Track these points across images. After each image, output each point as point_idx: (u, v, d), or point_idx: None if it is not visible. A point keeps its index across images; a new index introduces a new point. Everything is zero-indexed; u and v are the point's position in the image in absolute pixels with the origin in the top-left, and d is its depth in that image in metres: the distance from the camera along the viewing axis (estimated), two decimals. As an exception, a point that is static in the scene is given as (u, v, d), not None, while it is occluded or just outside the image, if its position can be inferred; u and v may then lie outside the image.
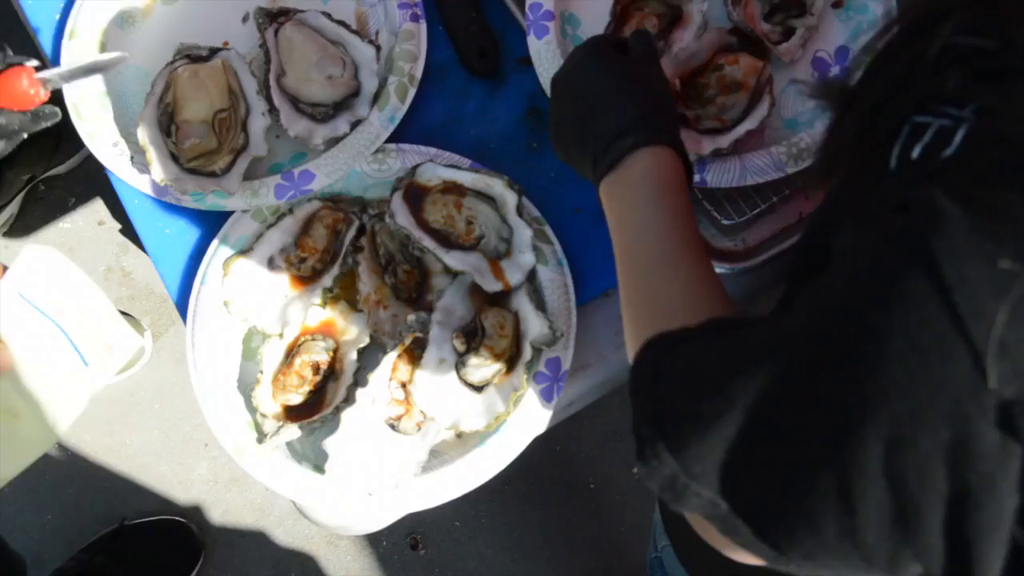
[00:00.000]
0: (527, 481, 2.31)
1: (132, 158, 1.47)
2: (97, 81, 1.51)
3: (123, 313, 2.48)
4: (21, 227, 2.60)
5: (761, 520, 0.75)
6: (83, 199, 2.63)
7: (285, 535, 2.45)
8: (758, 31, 1.45)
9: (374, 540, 2.44)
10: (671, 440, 0.80)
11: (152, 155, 1.42)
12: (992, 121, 0.65)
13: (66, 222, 2.62)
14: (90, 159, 1.49)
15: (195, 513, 2.45)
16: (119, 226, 2.59)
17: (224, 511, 2.45)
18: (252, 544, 2.44)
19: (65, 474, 2.39)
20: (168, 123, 1.45)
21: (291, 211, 1.44)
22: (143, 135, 1.42)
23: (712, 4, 1.50)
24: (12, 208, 2.56)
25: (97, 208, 2.62)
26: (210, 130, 1.45)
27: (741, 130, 1.40)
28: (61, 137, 2.50)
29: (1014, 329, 0.61)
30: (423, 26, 1.51)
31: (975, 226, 0.62)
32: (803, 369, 0.71)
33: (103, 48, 1.53)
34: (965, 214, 0.62)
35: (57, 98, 2.37)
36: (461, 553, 2.39)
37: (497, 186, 1.40)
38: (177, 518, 2.42)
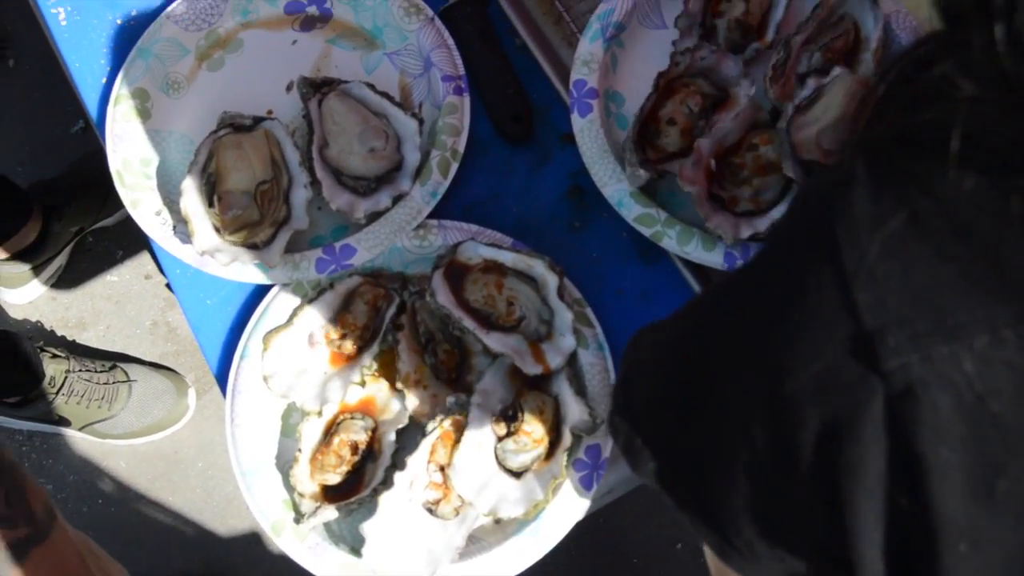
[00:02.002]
0: (570, 554, 2.28)
1: (175, 227, 1.47)
2: (141, 148, 1.51)
3: (167, 368, 2.48)
4: (69, 279, 2.62)
5: (685, 489, 0.78)
6: (130, 252, 2.64)
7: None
8: (790, 104, 1.43)
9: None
10: (622, 409, 0.86)
11: (194, 226, 1.42)
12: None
13: (113, 275, 2.63)
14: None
15: (236, 572, 2.44)
16: (166, 280, 2.59)
17: (266, 572, 2.44)
18: (291, 603, 2.42)
19: (107, 530, 2.39)
20: (211, 193, 1.45)
21: (332, 286, 1.43)
22: (186, 206, 1.42)
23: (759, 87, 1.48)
24: (60, 260, 2.57)
25: (144, 262, 2.63)
26: (252, 201, 1.45)
27: (776, 213, 1.38)
28: (110, 190, 2.51)
29: (883, 260, 0.61)
30: (467, 100, 1.50)
31: (874, 176, 0.63)
32: (707, 316, 0.77)
33: (148, 114, 1.53)
34: (869, 169, 0.64)
35: (101, 160, 2.41)
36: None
37: (538, 267, 1.38)
38: (218, 577, 2.41)
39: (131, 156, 1.50)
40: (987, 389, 0.59)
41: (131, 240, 2.63)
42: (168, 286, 2.57)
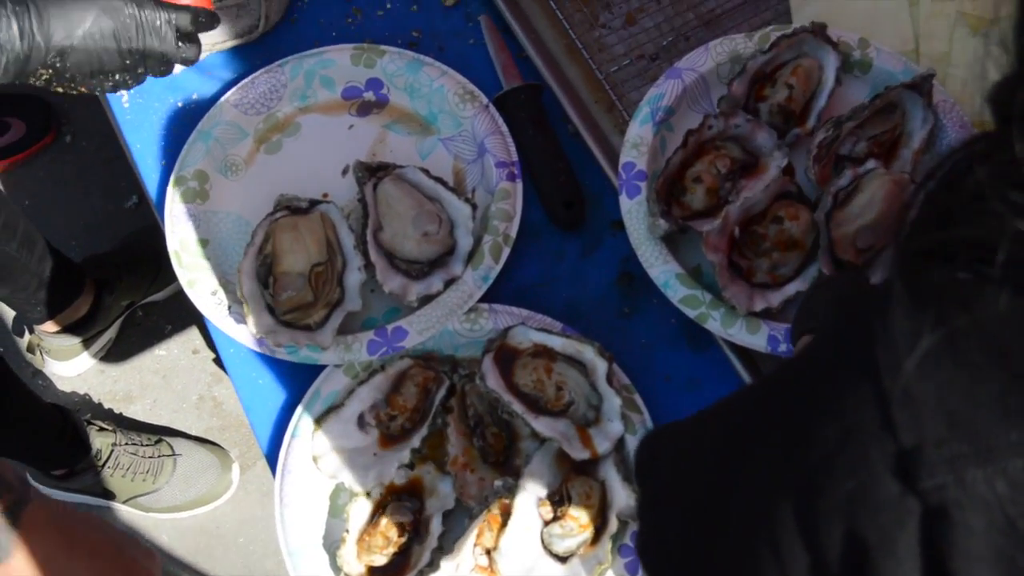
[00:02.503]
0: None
1: (230, 307, 1.49)
2: (199, 228, 1.54)
3: (212, 443, 2.50)
4: (118, 352, 2.64)
5: None
6: (179, 327, 2.67)
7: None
8: (828, 193, 1.45)
9: None
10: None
11: (250, 307, 1.44)
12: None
13: (162, 349, 2.66)
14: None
15: (275, 648, 2.44)
16: (213, 356, 2.62)
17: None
18: None
19: (147, 603, 2.40)
20: (266, 274, 1.47)
21: (383, 368, 1.45)
22: (242, 287, 1.45)
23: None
24: (110, 333, 2.60)
25: (192, 336, 2.65)
26: (307, 283, 1.47)
27: (791, 290, 1.42)
28: (161, 265, 2.55)
29: (919, 380, 0.61)
30: (519, 186, 1.53)
31: (912, 293, 0.64)
32: (741, 426, 0.76)
33: (206, 195, 1.56)
34: (908, 286, 0.64)
35: (153, 236, 2.44)
36: None
37: (588, 352, 1.40)
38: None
39: (189, 237, 1.53)
40: (1019, 512, 0.59)
41: (180, 315, 2.66)
42: (216, 361, 2.61)
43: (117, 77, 1.29)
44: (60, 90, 1.28)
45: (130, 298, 2.57)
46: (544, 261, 1.54)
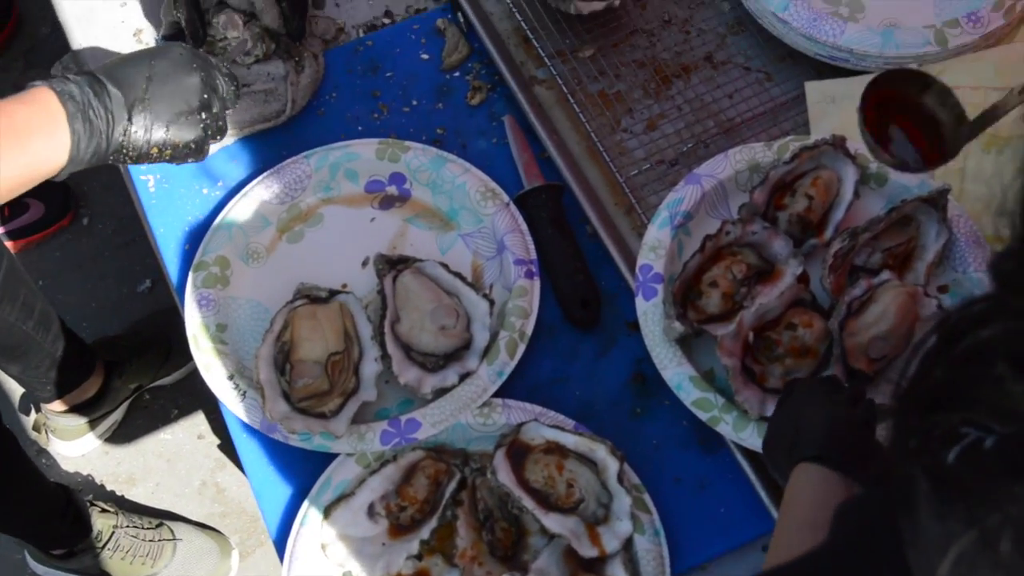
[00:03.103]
0: None
1: (245, 392, 1.50)
2: (218, 313, 1.56)
3: (213, 529, 2.49)
4: (123, 434, 2.64)
5: None
6: (185, 411, 2.67)
7: None
8: (842, 303, 1.47)
9: None
10: None
11: (266, 393, 1.45)
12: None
13: (167, 433, 2.66)
14: (196, 372, 1.53)
15: None
16: (218, 441, 2.62)
17: None
18: None
19: None
20: (283, 361, 1.49)
21: (395, 458, 1.46)
22: (258, 372, 1.46)
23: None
24: (117, 415, 2.60)
25: (198, 421, 2.66)
26: (323, 371, 1.48)
27: None
28: (171, 350, 2.56)
29: None
30: (537, 284, 1.55)
31: (939, 493, 0.64)
32: None
33: (227, 281, 1.58)
34: (934, 486, 0.65)
35: (164, 320, 2.44)
36: None
37: (600, 451, 1.41)
38: None
39: (208, 321, 1.55)
40: None
41: (187, 399, 2.66)
42: (220, 447, 2.61)
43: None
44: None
45: (138, 381, 2.58)
46: (559, 358, 1.55)
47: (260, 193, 1.62)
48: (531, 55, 1.73)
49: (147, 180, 1.68)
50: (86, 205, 2.88)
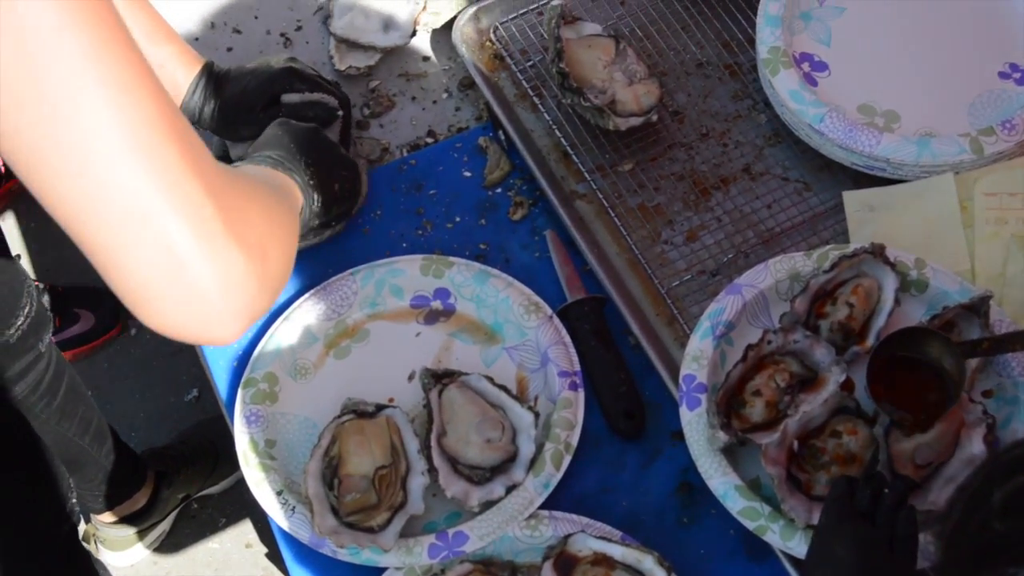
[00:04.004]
0: None
1: (294, 507, 1.52)
2: (267, 429, 1.58)
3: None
4: (171, 544, 2.66)
5: None
6: (233, 520, 2.69)
7: None
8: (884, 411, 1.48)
9: None
10: None
11: (314, 507, 1.47)
12: None
13: (215, 542, 2.67)
14: (243, 480, 1.56)
15: None
16: (266, 550, 2.63)
17: None
18: None
19: None
20: (331, 476, 1.51)
21: (443, 572, 1.47)
22: (307, 488, 1.48)
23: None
24: (164, 525, 2.63)
25: (246, 530, 2.67)
26: (371, 485, 1.50)
27: None
28: (219, 459, 2.59)
29: None
30: (581, 395, 1.57)
31: None
32: None
33: (275, 398, 1.61)
34: None
35: (211, 430, 2.48)
36: None
37: (647, 562, 1.41)
38: None
39: (257, 437, 1.57)
40: None
41: (234, 508, 2.68)
42: (268, 556, 2.62)
43: None
44: None
45: (186, 490, 2.60)
46: (605, 469, 1.56)
47: (307, 310, 1.65)
48: (571, 170, 1.76)
49: (197, 298, 1.71)
50: (132, 316, 2.92)
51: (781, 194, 1.72)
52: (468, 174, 1.79)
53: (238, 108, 1.68)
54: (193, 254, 0.89)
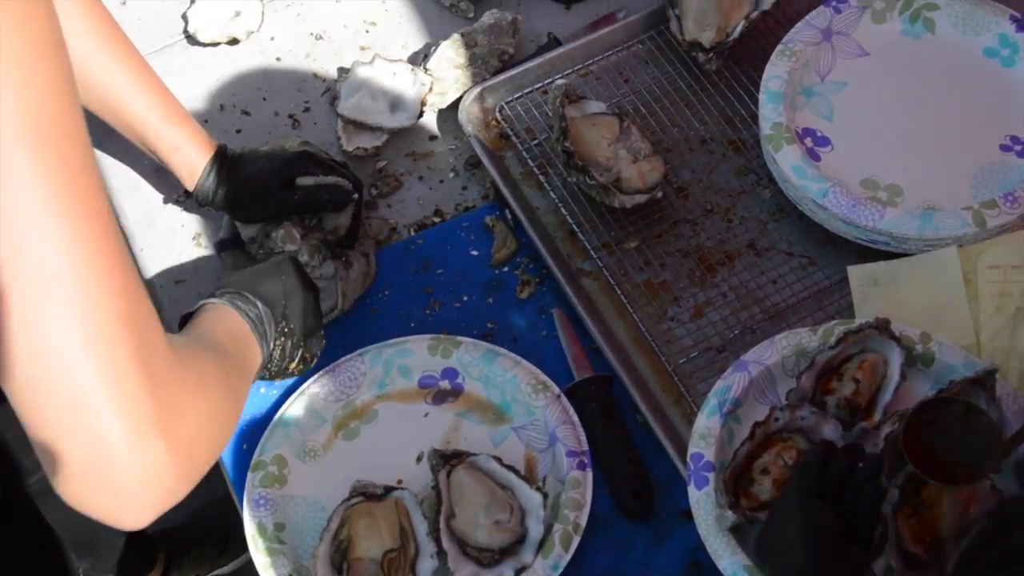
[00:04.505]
0: None
1: (304, 594, 1.52)
2: (276, 512, 1.58)
3: None
4: (182, 624, 2.65)
5: None
6: (244, 601, 2.68)
7: None
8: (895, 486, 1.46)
9: None
10: None
11: (325, 592, 1.47)
12: None
13: (226, 622, 2.66)
14: (252, 562, 1.55)
15: None
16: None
17: None
18: None
19: None
20: (340, 560, 1.50)
21: (453, 656, 1.46)
22: (316, 573, 1.48)
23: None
24: (175, 607, 2.62)
25: (257, 610, 2.66)
26: (380, 569, 1.50)
27: None
28: (229, 539, 2.58)
29: None
30: (589, 475, 1.56)
31: None
32: None
33: (284, 480, 1.61)
34: None
35: (219, 510, 2.47)
36: None
37: (659, 645, 1.40)
38: None
39: (266, 521, 1.57)
40: None
41: (245, 588, 2.67)
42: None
43: None
44: None
45: (196, 571, 2.60)
46: (613, 550, 1.55)
47: (316, 391, 1.66)
48: (577, 248, 1.77)
49: (206, 381, 1.72)
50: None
51: (786, 269, 1.73)
52: (475, 253, 1.80)
53: (253, 190, 1.70)
54: (120, 449, 0.91)
